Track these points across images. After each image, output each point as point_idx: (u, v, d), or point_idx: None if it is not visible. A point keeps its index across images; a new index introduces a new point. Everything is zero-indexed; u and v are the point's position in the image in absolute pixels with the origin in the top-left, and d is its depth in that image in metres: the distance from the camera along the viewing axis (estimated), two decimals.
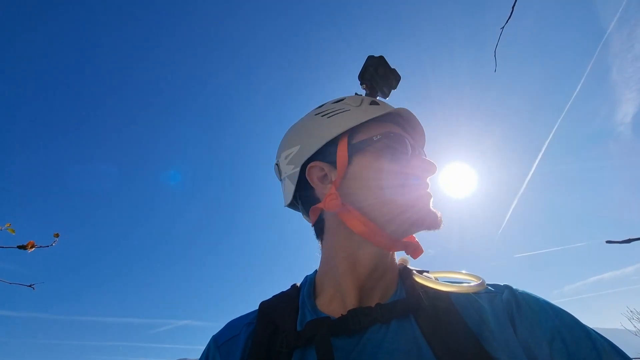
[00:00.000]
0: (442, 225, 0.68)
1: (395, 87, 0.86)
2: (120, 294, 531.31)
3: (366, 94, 0.84)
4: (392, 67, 0.84)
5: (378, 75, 0.81)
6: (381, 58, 0.82)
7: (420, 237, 0.72)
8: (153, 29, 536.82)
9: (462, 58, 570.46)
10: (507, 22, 1.54)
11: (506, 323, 0.58)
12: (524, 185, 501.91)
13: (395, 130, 0.71)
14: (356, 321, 0.59)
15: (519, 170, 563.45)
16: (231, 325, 0.69)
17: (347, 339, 0.59)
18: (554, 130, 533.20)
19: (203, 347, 0.70)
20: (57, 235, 1.74)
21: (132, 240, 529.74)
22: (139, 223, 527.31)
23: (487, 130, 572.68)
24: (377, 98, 0.82)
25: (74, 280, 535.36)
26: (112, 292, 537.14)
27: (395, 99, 0.85)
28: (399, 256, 0.75)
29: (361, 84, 0.86)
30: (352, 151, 0.69)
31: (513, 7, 1.50)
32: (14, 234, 1.65)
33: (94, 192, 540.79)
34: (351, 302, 0.64)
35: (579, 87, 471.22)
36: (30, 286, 1.79)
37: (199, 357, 0.68)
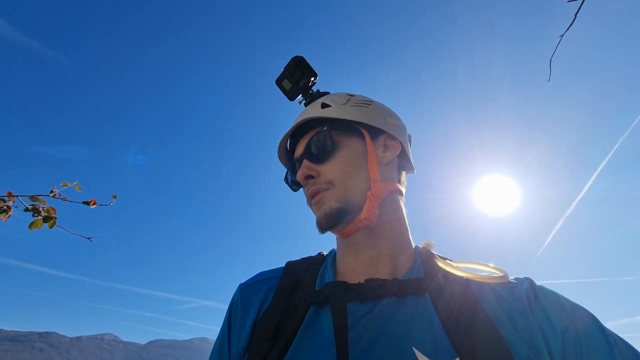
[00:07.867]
0: (326, 226, 0.68)
1: (306, 87, 0.83)
2: (150, 268, 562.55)
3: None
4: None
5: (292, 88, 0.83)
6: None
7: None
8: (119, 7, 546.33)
9: (511, 65, 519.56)
10: (567, 29, 1.46)
11: (524, 311, 0.59)
12: (573, 206, 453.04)
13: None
14: (371, 289, 0.63)
15: (569, 189, 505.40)
16: (259, 274, 0.76)
17: (360, 305, 0.62)
18: (614, 149, 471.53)
19: None
20: (114, 197, 1.96)
21: (169, 219, 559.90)
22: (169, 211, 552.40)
23: (535, 143, 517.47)
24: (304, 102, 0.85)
25: (111, 248, 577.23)
26: (143, 265, 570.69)
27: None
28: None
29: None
30: None
31: (576, 15, 1.43)
32: (80, 191, 1.88)
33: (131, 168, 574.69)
34: (359, 276, 0.67)
35: None
36: (88, 238, 2.02)
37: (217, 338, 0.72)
